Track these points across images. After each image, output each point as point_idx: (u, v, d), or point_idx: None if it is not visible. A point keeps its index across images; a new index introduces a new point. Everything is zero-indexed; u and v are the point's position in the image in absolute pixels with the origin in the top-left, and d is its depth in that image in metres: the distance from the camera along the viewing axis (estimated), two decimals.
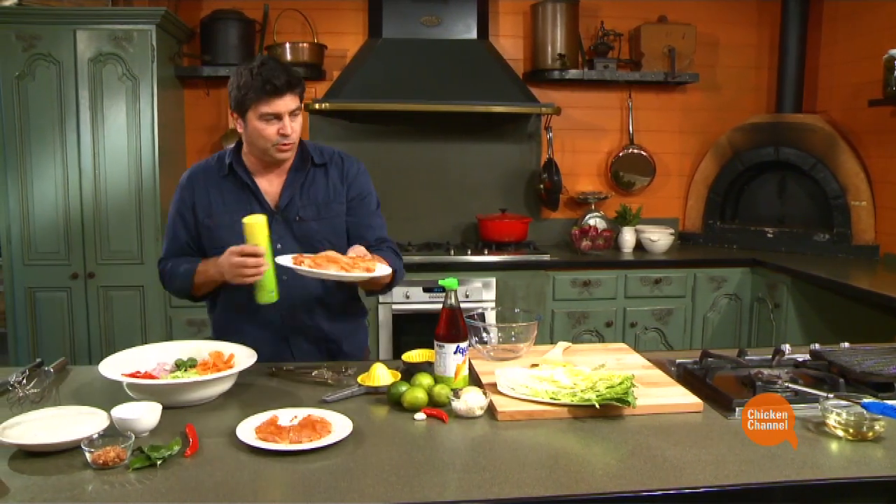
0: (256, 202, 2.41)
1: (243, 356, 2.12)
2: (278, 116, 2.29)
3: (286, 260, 2.22)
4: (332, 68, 4.85)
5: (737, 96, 5.31)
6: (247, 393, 2.07)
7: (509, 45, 5.07)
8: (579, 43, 4.98)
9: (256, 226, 2.19)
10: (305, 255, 2.25)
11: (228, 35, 4.60)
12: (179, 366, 2.11)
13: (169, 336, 4.18)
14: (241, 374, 2.04)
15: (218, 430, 1.78)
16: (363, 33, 4.91)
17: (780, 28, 5.06)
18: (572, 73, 4.86)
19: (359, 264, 2.18)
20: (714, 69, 5.27)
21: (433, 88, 4.54)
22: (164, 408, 1.81)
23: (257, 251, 2.16)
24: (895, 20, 4.49)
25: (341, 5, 4.91)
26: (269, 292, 2.24)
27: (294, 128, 2.33)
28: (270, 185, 2.44)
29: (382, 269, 2.25)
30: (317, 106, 4.41)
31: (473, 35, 4.77)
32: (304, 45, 4.68)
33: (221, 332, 2.43)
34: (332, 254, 2.23)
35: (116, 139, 4.10)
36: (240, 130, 2.39)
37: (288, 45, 4.65)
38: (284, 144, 2.34)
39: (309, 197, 2.45)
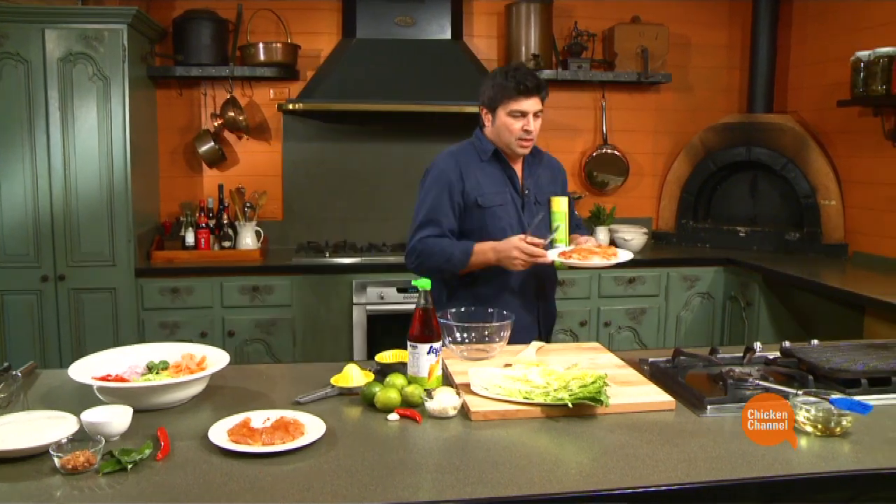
0: (511, 186, 2.75)
1: (216, 358, 2.10)
2: (524, 114, 2.62)
3: (554, 254, 2.57)
4: (305, 68, 4.84)
5: (709, 96, 5.36)
6: (219, 395, 2.06)
7: (483, 45, 5.08)
8: (553, 43, 5.00)
9: (561, 202, 2.68)
10: (571, 250, 2.63)
11: (201, 35, 4.57)
12: (151, 368, 2.09)
13: (141, 339, 4.14)
14: (214, 376, 2.03)
15: (190, 432, 1.77)
16: (337, 33, 4.89)
17: (751, 29, 5.11)
18: (546, 74, 4.87)
19: (607, 252, 2.58)
20: (686, 69, 5.31)
21: (407, 89, 4.54)
22: (136, 411, 1.79)
23: (537, 242, 2.51)
24: (862, 22, 4.55)
25: (315, 5, 4.89)
26: (560, 264, 2.62)
27: (536, 126, 2.65)
28: (517, 171, 2.77)
29: (625, 255, 2.61)
30: (290, 106, 4.39)
31: (447, 35, 4.77)
32: (278, 45, 4.66)
33: (483, 301, 2.63)
34: (586, 246, 2.64)
35: (87, 140, 4.05)
36: (487, 125, 2.74)
37: (261, 45, 4.62)
38: (526, 140, 2.67)
39: (540, 185, 2.80)
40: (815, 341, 2.45)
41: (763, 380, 2.09)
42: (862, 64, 4.22)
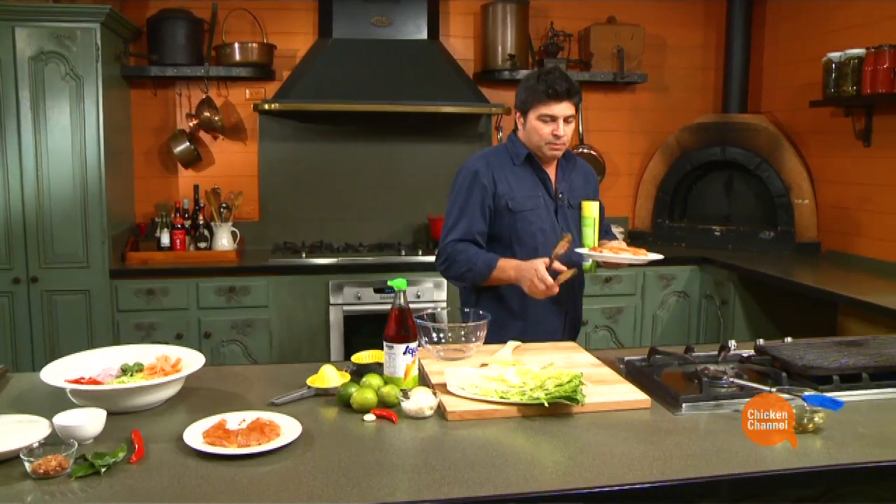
0: (544, 189, 2.73)
1: (191, 360, 2.09)
2: (554, 119, 2.60)
3: (584, 251, 2.63)
4: (281, 68, 4.82)
5: (684, 97, 5.39)
6: (195, 397, 2.04)
7: (460, 45, 5.08)
8: (529, 43, 5.01)
9: (592, 206, 2.72)
10: (600, 245, 2.71)
11: (176, 34, 4.53)
12: (125, 370, 2.07)
13: (116, 341, 4.10)
14: (190, 377, 2.02)
15: (165, 435, 1.76)
16: (313, 33, 4.88)
17: (726, 30, 5.16)
18: (522, 74, 4.88)
19: (637, 252, 2.61)
20: (662, 70, 5.34)
21: (384, 89, 4.54)
22: (110, 414, 1.78)
23: (560, 268, 2.47)
24: (833, 24, 4.60)
25: (291, 5, 4.87)
26: (591, 266, 2.71)
27: (566, 131, 2.63)
28: (550, 175, 2.77)
29: (654, 255, 2.63)
30: (266, 106, 4.38)
31: (424, 35, 4.77)
32: (254, 44, 4.64)
33: (508, 304, 2.70)
34: (616, 244, 2.69)
35: (60, 140, 4.01)
36: (520, 127, 2.72)
37: (237, 45, 4.60)
38: (556, 145, 2.65)
39: (574, 189, 2.80)
40: (789, 339, 2.47)
41: (737, 378, 2.11)
42: (833, 65, 4.27)
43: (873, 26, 4.28)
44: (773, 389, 1.95)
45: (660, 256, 2.65)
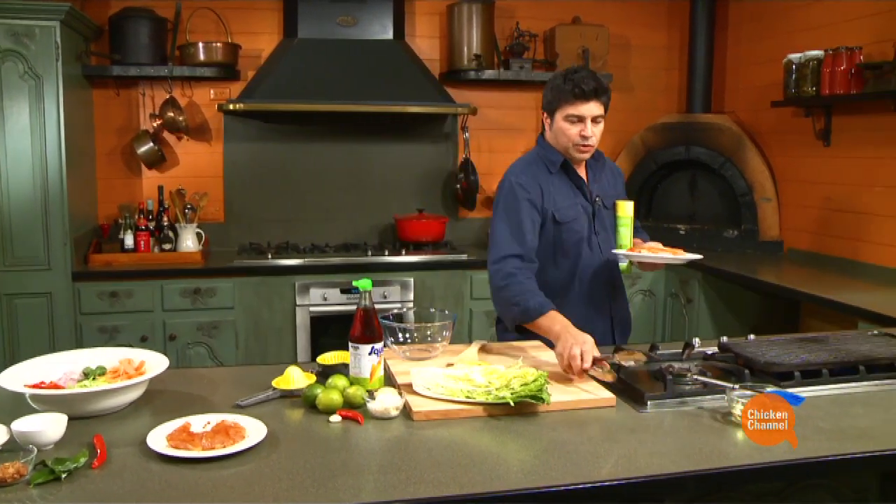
0: (582, 195, 2.67)
1: (155, 362, 2.07)
2: (581, 119, 2.52)
3: (622, 250, 2.58)
4: (246, 68, 4.78)
5: (649, 97, 5.44)
6: (159, 400, 2.02)
7: (425, 45, 5.09)
8: (495, 43, 5.02)
9: (627, 206, 2.66)
10: (634, 245, 2.65)
11: (139, 34, 4.48)
12: (87, 374, 2.05)
13: (79, 344, 4.05)
14: (154, 380, 2.00)
15: (128, 439, 1.74)
16: (278, 33, 4.85)
17: (689, 31, 5.21)
18: (488, 74, 4.90)
19: (675, 251, 2.55)
20: (627, 70, 5.38)
21: (349, 89, 4.53)
22: (72, 419, 1.75)
23: (599, 359, 2.14)
24: (793, 26, 4.67)
25: (256, 4, 4.84)
26: (627, 267, 2.67)
27: (595, 132, 2.56)
28: (583, 181, 2.70)
29: (692, 254, 2.57)
30: (231, 106, 4.35)
31: (390, 35, 4.77)
32: (218, 44, 4.60)
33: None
34: (653, 244, 2.63)
35: (19, 141, 3.94)
36: (546, 128, 2.65)
37: (201, 45, 4.56)
38: (584, 146, 2.57)
39: (606, 189, 2.74)
40: (752, 336, 2.51)
41: (701, 375, 2.13)
42: (793, 66, 4.33)
43: (831, 28, 4.35)
44: (737, 386, 1.97)
45: (698, 256, 2.59)
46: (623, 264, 2.67)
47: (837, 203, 4.39)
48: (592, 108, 2.52)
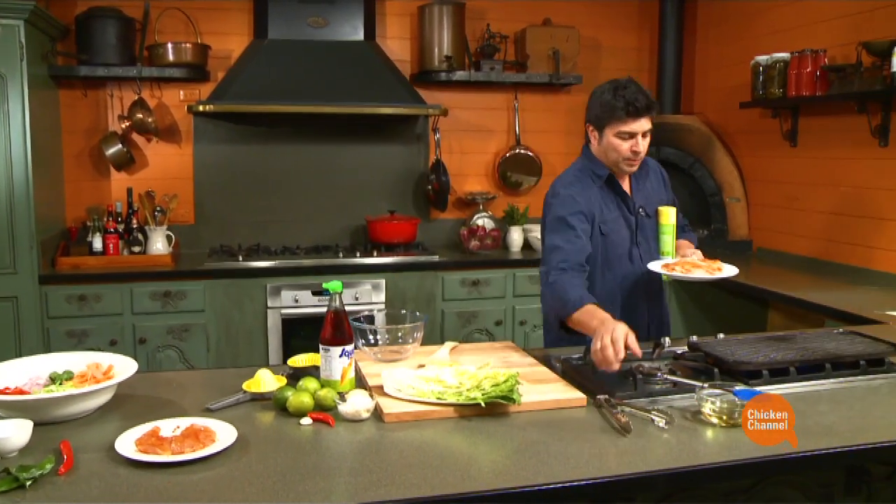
0: (625, 208, 2.67)
1: (123, 366, 2.05)
2: (633, 135, 2.52)
3: (656, 266, 2.54)
4: (216, 69, 4.75)
5: None
6: (128, 404, 2.00)
7: (396, 46, 5.08)
8: (466, 45, 5.03)
9: (669, 213, 2.63)
10: (675, 262, 2.58)
11: (106, 34, 4.43)
12: (54, 379, 2.02)
13: (47, 349, 3.98)
14: (122, 384, 1.98)
15: (96, 444, 1.72)
16: (248, 34, 4.82)
17: (659, 33, 5.25)
18: (459, 75, 4.90)
19: (711, 266, 2.53)
20: (597, 71, 5.40)
21: (320, 90, 4.51)
22: (37, 424, 1.73)
23: (635, 349, 2.07)
24: (760, 28, 4.73)
25: (225, 5, 4.81)
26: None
27: (644, 146, 2.56)
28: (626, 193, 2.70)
29: (730, 270, 2.53)
30: (201, 108, 4.32)
31: (360, 36, 4.76)
32: (188, 45, 4.56)
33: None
34: (691, 259, 2.60)
35: None
36: (593, 142, 2.63)
37: (170, 45, 4.52)
38: (633, 160, 2.57)
39: (649, 197, 2.74)
40: (721, 335, 2.54)
41: (671, 374, 2.15)
42: (761, 68, 4.39)
43: (797, 31, 4.41)
44: (706, 385, 1.99)
45: (734, 271, 2.53)
46: (662, 272, 2.63)
47: (804, 203, 4.45)
48: (644, 124, 2.52)
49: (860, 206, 4.08)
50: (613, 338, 2.05)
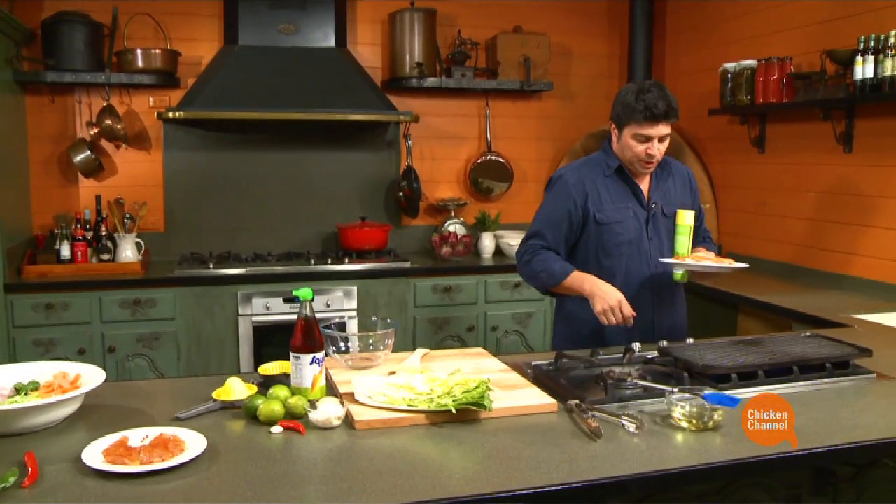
0: (636, 200, 2.75)
1: (91, 375, 2.02)
2: (649, 139, 2.61)
3: (667, 259, 2.70)
4: (186, 76, 4.72)
5: (590, 104, 5.51)
6: (95, 414, 1.98)
7: (368, 53, 5.08)
8: (437, 51, 5.04)
9: (687, 215, 2.72)
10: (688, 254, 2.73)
11: (74, 39, 4.39)
12: (19, 390, 1.99)
13: (13, 359, 3.93)
14: (90, 394, 1.95)
15: (62, 455, 1.70)
16: (219, 40, 4.80)
17: (629, 40, 5.29)
18: (430, 82, 4.91)
19: (721, 261, 2.69)
20: (568, 78, 5.45)
21: (291, 97, 4.50)
22: (1, 436, 1.71)
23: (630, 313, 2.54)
24: (729, 36, 4.79)
25: (196, 11, 4.78)
26: (683, 275, 2.74)
27: (660, 150, 2.65)
28: (642, 185, 2.78)
29: (740, 264, 2.69)
30: (171, 114, 4.29)
31: (331, 43, 4.76)
32: (157, 51, 4.53)
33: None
34: (702, 255, 2.73)
35: None
36: (613, 138, 2.75)
37: (139, 51, 4.49)
38: (649, 162, 2.67)
39: (669, 197, 2.80)
40: (691, 340, 2.56)
41: (642, 379, 2.16)
42: (729, 75, 4.44)
43: (764, 39, 4.47)
44: (676, 390, 2.01)
45: (744, 266, 2.70)
46: (678, 273, 2.72)
47: (772, 208, 4.51)
48: (661, 129, 2.60)
49: (827, 212, 4.14)
50: (612, 305, 2.50)
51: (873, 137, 3.85)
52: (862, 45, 3.58)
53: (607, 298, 2.55)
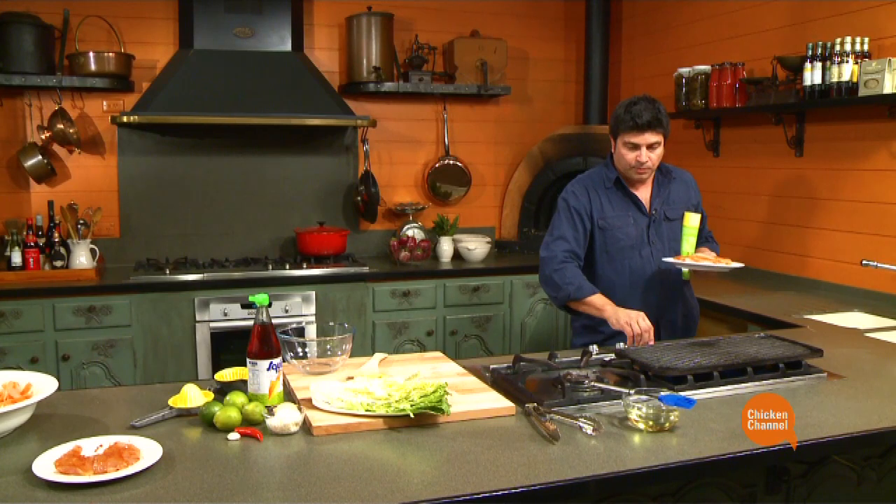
0: (636, 208, 2.95)
1: (42, 384, 1.98)
2: (637, 147, 2.82)
3: (670, 259, 2.88)
4: (140, 79, 4.66)
5: (547, 108, 5.55)
6: (48, 424, 1.94)
7: (325, 57, 5.06)
8: (394, 56, 5.04)
9: (692, 218, 2.92)
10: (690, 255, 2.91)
11: (23, 41, 4.29)
12: None
13: None
14: (42, 404, 1.92)
15: (11, 467, 1.67)
16: (174, 44, 4.74)
17: (585, 44, 5.34)
18: (388, 86, 4.91)
19: (720, 259, 2.88)
20: (525, 82, 5.48)
21: (247, 101, 4.47)
22: None
23: (649, 329, 2.64)
24: (684, 41, 4.86)
25: (149, 14, 4.72)
26: (687, 273, 2.99)
27: (651, 157, 2.84)
28: (642, 194, 2.98)
29: (737, 264, 2.86)
30: (125, 119, 4.23)
31: (288, 47, 4.73)
32: (110, 54, 4.46)
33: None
34: (702, 255, 2.91)
35: None
36: (612, 150, 2.95)
37: (92, 55, 4.41)
38: (640, 169, 2.86)
39: (671, 202, 3.00)
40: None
41: (599, 381, 2.18)
42: (683, 80, 4.50)
43: (716, 45, 4.54)
44: (632, 391, 2.03)
45: (739, 265, 2.88)
46: (685, 270, 2.95)
47: (727, 211, 4.57)
48: (648, 137, 2.81)
49: (780, 214, 4.21)
50: (643, 326, 2.62)
51: (823, 141, 3.93)
52: (810, 52, 3.66)
53: (630, 313, 2.67)
